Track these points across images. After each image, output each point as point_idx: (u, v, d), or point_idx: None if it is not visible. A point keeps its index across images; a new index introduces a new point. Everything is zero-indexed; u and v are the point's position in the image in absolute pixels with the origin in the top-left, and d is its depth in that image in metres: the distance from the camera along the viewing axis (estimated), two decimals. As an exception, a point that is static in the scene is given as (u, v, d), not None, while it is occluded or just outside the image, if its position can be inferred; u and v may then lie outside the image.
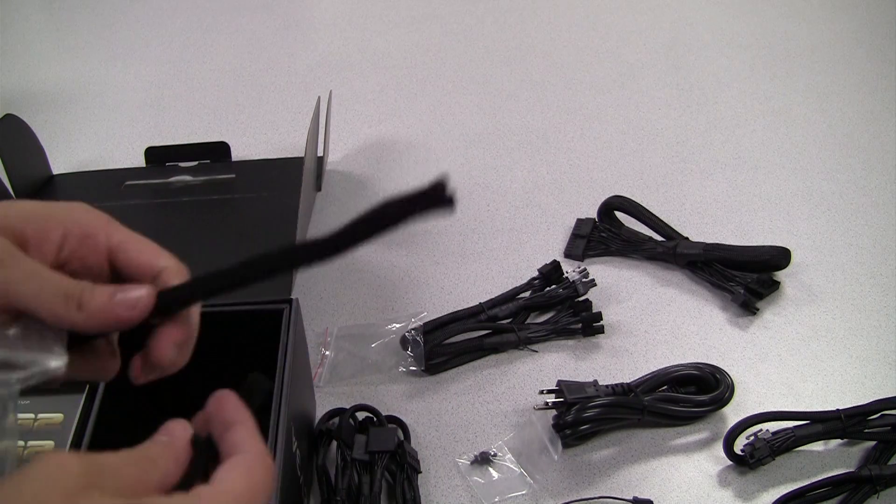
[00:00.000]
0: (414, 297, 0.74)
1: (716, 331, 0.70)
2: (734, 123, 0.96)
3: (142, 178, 0.87)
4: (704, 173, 0.88)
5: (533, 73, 1.07)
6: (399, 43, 1.16)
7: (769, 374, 0.66)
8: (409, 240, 0.80)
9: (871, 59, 1.08)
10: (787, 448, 0.58)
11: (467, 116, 0.99)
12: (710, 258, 0.73)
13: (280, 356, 0.53)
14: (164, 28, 1.23)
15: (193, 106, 1.03)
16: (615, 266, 0.77)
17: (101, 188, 0.86)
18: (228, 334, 0.57)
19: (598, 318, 0.69)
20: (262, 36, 1.19)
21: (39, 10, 1.34)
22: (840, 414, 0.59)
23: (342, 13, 1.27)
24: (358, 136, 0.96)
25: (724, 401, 0.62)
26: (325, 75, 1.08)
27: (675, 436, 0.61)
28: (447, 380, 0.66)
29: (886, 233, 0.79)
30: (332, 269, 0.77)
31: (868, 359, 0.67)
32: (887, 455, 0.58)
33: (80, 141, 0.98)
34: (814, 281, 0.74)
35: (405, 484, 0.56)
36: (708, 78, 1.05)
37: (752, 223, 0.81)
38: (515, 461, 0.59)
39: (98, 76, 1.12)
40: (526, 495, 0.57)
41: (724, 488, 0.57)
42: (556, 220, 0.82)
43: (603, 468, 0.59)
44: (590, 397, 0.60)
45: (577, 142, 0.94)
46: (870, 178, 0.86)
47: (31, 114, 0.87)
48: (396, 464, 0.58)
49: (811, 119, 0.96)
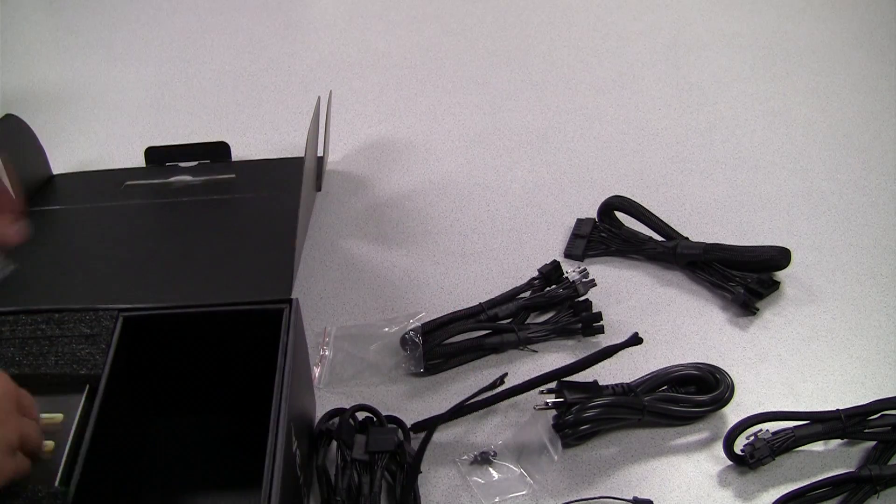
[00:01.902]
0: (413, 298, 0.74)
1: (716, 331, 0.70)
2: (734, 123, 0.96)
3: (142, 178, 0.87)
4: (704, 173, 0.88)
5: (533, 73, 1.07)
6: (399, 43, 1.16)
7: (769, 374, 0.66)
8: (409, 240, 0.80)
9: (871, 59, 1.08)
10: (787, 448, 0.58)
11: (467, 116, 0.99)
12: (710, 258, 0.73)
13: (280, 356, 0.53)
14: (164, 28, 1.23)
15: (193, 106, 1.03)
16: (615, 266, 0.77)
17: (102, 188, 0.86)
18: (228, 334, 0.58)
19: (598, 318, 0.69)
20: (262, 36, 1.19)
21: (39, 10, 1.34)
22: (840, 414, 0.59)
23: (342, 13, 1.27)
24: (358, 136, 0.96)
25: (724, 401, 0.62)
26: (325, 75, 1.08)
27: (675, 436, 0.61)
28: (447, 380, 0.66)
29: (886, 233, 0.79)
30: (332, 270, 0.77)
31: (868, 359, 0.67)
32: (887, 455, 0.58)
33: (81, 141, 0.98)
34: (814, 281, 0.74)
35: (405, 483, 0.56)
36: (708, 78, 1.05)
37: (752, 223, 0.81)
38: (515, 461, 0.59)
39: (98, 76, 1.12)
40: (526, 495, 0.57)
41: (724, 488, 0.57)
42: (556, 220, 0.82)
43: (603, 468, 0.59)
44: (590, 397, 0.60)
45: (577, 142, 0.94)
46: (870, 178, 0.86)
47: (32, 114, 0.87)
48: (396, 464, 0.58)
49: (811, 119, 0.96)
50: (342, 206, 0.85)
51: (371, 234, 0.81)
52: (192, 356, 0.58)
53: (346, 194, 0.87)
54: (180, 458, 0.60)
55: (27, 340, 0.54)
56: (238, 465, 0.59)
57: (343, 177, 0.89)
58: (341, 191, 0.87)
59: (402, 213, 0.84)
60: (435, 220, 0.83)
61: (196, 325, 0.57)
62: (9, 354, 0.53)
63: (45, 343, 0.54)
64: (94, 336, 0.54)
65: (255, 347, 0.57)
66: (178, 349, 0.58)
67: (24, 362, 0.53)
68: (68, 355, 0.53)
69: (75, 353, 0.53)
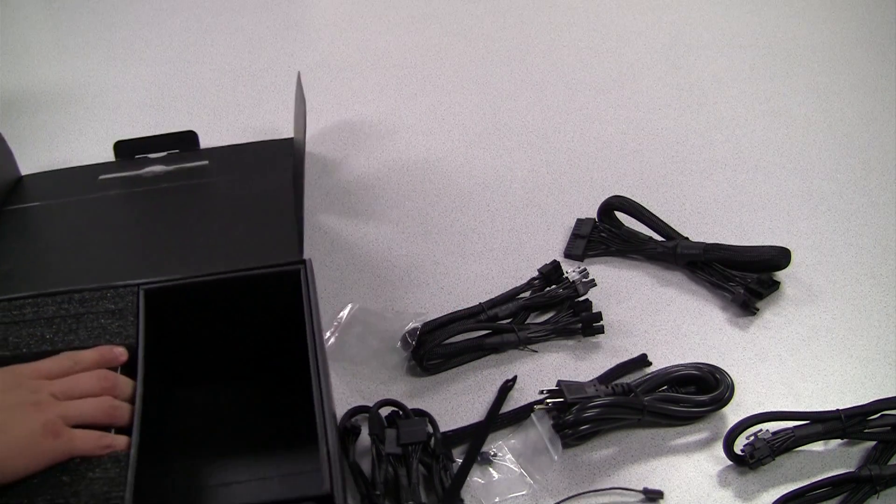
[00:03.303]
0: (414, 297, 0.74)
1: (716, 331, 0.70)
2: (734, 123, 0.96)
3: (114, 171, 0.86)
4: (704, 173, 0.88)
5: (533, 73, 1.07)
6: (399, 43, 1.16)
7: (769, 374, 0.66)
8: (409, 240, 0.80)
9: (871, 59, 1.08)
10: (787, 448, 0.58)
11: (467, 116, 0.99)
12: (710, 258, 0.73)
13: (306, 311, 0.54)
14: (164, 28, 1.23)
15: (193, 106, 1.03)
16: (615, 266, 0.77)
17: (76, 184, 0.85)
18: (247, 300, 0.58)
19: (598, 318, 0.69)
20: (262, 36, 1.19)
21: (39, 10, 1.34)
22: (840, 414, 0.59)
23: (342, 13, 1.27)
24: (358, 136, 0.96)
25: (724, 401, 0.62)
26: (325, 75, 1.08)
27: (675, 436, 0.61)
28: (447, 380, 0.66)
29: (886, 233, 0.79)
30: (331, 270, 0.77)
31: (868, 359, 0.67)
32: (887, 455, 0.58)
33: (81, 141, 0.98)
34: (814, 281, 0.74)
35: (442, 473, 0.57)
36: (708, 78, 1.05)
37: (752, 223, 0.81)
38: (515, 461, 0.59)
39: (98, 76, 1.12)
40: (526, 495, 0.57)
41: (724, 488, 0.58)
42: (556, 220, 0.82)
43: (603, 468, 0.59)
44: (590, 397, 0.60)
45: (577, 142, 0.94)
46: (870, 178, 0.86)
47: (32, 114, 0.87)
48: (429, 454, 0.58)
49: (811, 119, 0.96)
50: (341, 206, 0.85)
51: (371, 234, 0.81)
52: (213, 325, 0.59)
53: (345, 194, 0.87)
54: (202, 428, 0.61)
55: (53, 319, 0.54)
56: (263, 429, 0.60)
57: (343, 176, 0.89)
58: (341, 190, 0.87)
59: (401, 213, 0.84)
60: (435, 220, 0.83)
61: (215, 294, 0.57)
62: (38, 333, 0.53)
63: (72, 321, 0.54)
64: (121, 310, 0.54)
65: (272, 313, 0.58)
66: (199, 319, 0.58)
67: (55, 339, 0.53)
68: (98, 329, 0.53)
69: (105, 328, 0.53)
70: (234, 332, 0.60)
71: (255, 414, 0.61)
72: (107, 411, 0.49)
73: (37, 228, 0.80)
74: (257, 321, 0.60)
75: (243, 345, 0.61)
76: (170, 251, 0.75)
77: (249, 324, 0.60)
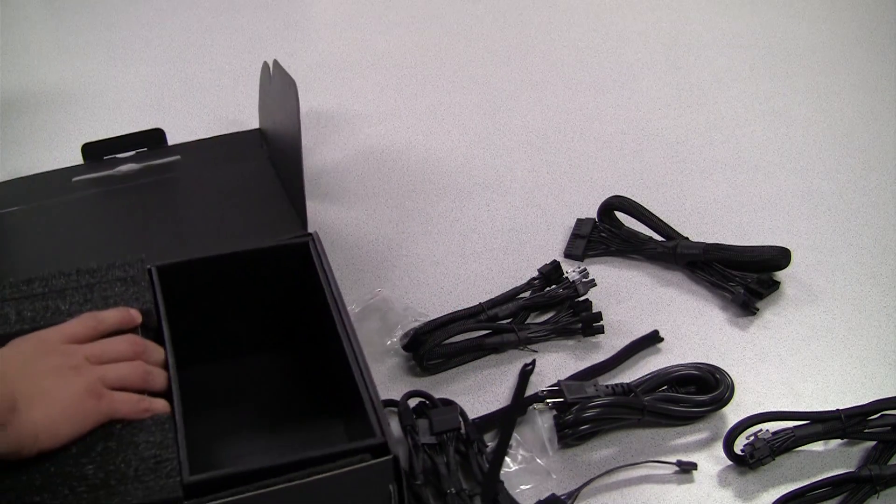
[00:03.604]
0: (414, 297, 0.74)
1: (716, 331, 0.70)
2: (734, 123, 0.96)
3: (86, 173, 0.86)
4: (704, 173, 0.88)
5: (533, 73, 1.07)
6: (399, 43, 1.16)
7: (769, 374, 0.66)
8: (409, 240, 0.80)
9: (871, 59, 1.08)
10: (787, 448, 0.58)
11: (467, 116, 0.99)
12: (710, 258, 0.73)
13: (323, 280, 0.55)
14: (164, 28, 1.23)
15: (193, 106, 1.03)
16: (615, 266, 0.77)
17: (50, 188, 0.84)
18: (257, 276, 0.59)
19: (598, 318, 0.69)
20: (262, 36, 1.19)
21: (39, 9, 1.34)
22: (840, 414, 0.59)
23: (342, 13, 1.27)
24: (357, 136, 0.96)
25: (724, 401, 0.62)
26: (325, 75, 1.08)
27: (675, 436, 0.61)
28: (447, 380, 0.66)
29: (886, 233, 0.79)
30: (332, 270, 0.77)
31: (868, 359, 0.67)
32: (887, 455, 0.58)
33: (80, 141, 0.98)
34: (814, 281, 0.74)
35: (479, 458, 0.57)
36: (708, 78, 1.05)
37: (752, 223, 0.81)
38: (515, 457, 0.59)
39: (98, 76, 1.12)
40: (526, 490, 0.57)
41: (724, 488, 0.57)
42: (556, 220, 0.82)
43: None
44: (590, 397, 0.60)
45: (577, 142, 0.94)
46: (870, 178, 0.86)
47: (32, 114, 0.87)
48: (462, 441, 0.58)
49: (811, 119, 0.96)
50: (341, 207, 0.85)
51: (371, 234, 0.81)
52: (223, 298, 0.59)
53: (345, 194, 0.87)
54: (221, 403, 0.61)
55: (65, 291, 0.54)
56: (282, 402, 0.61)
57: (343, 177, 0.89)
58: (341, 191, 0.87)
59: (401, 213, 0.84)
60: (435, 220, 0.83)
61: (227, 271, 0.58)
62: (53, 306, 0.53)
63: (85, 290, 0.54)
64: (132, 277, 0.55)
65: (283, 289, 0.59)
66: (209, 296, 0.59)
67: (72, 310, 0.52)
68: (113, 297, 0.53)
69: (120, 295, 0.54)
70: (246, 310, 0.60)
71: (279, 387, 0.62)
72: (142, 375, 0.49)
73: (15, 233, 0.79)
74: (269, 298, 0.60)
75: (257, 322, 0.61)
76: (166, 239, 0.75)
77: (262, 301, 0.60)
